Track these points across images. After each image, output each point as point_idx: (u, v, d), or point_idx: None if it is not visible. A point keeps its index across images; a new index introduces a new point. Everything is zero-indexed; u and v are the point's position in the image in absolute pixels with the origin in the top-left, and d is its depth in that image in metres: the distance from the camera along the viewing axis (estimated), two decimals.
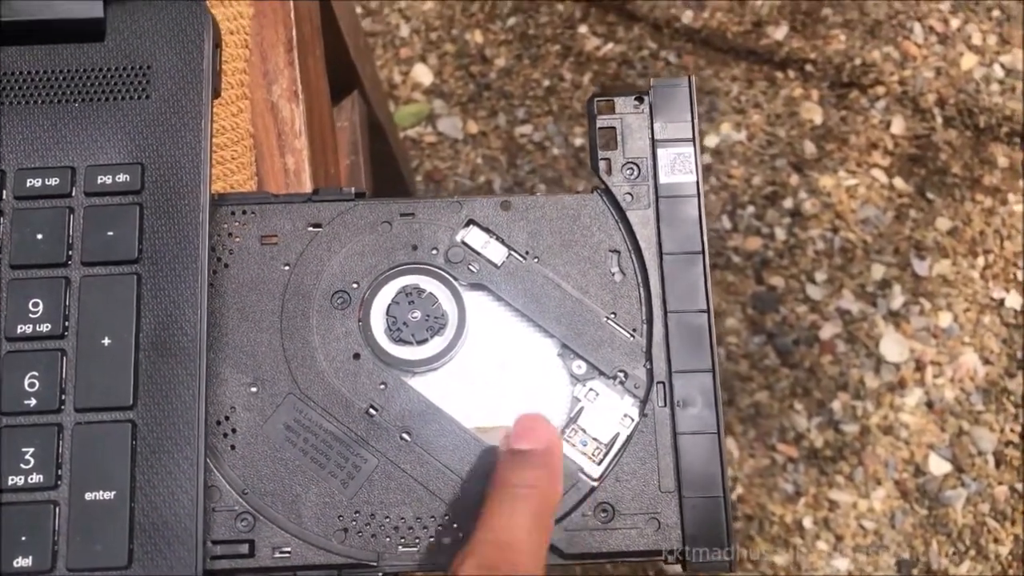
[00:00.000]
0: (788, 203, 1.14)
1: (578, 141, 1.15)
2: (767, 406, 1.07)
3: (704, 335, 0.36)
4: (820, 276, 1.12)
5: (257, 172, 0.44)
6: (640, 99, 0.39)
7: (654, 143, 0.38)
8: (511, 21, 1.20)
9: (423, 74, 1.17)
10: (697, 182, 0.38)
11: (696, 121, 0.38)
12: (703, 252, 0.37)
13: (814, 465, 1.06)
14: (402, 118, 1.13)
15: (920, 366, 1.09)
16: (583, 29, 1.19)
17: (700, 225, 0.37)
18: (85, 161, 0.37)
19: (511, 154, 1.14)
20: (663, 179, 0.38)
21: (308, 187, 0.44)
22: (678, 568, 0.37)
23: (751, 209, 1.13)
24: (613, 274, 0.37)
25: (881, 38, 1.20)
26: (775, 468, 1.06)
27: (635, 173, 0.38)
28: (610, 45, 1.18)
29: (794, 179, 1.14)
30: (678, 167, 0.38)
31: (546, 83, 1.17)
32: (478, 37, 1.19)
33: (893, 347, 1.09)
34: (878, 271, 1.12)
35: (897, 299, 1.11)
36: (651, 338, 0.37)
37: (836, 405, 1.08)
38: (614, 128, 0.39)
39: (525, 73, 1.17)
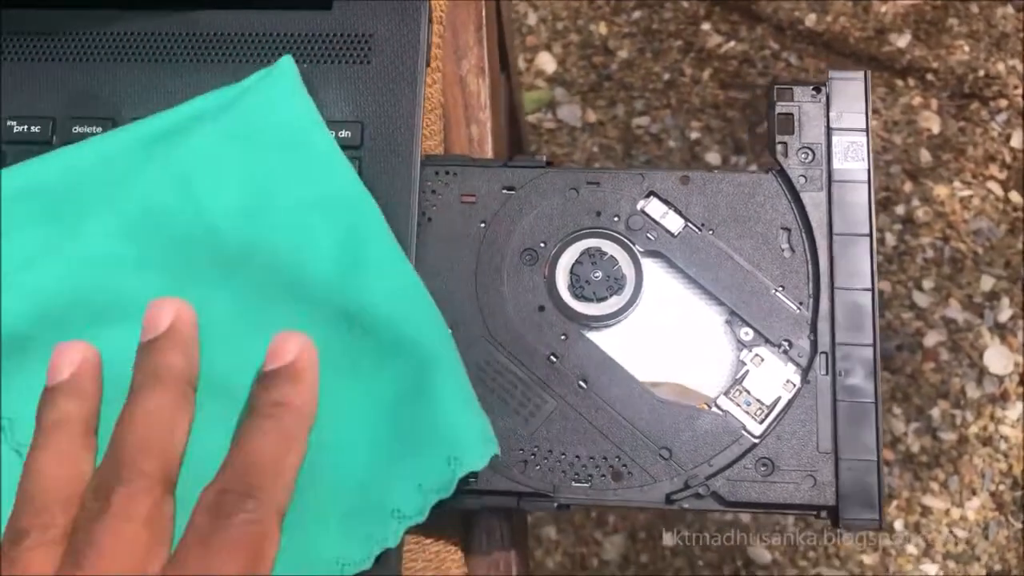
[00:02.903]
0: (900, 209, 1.14)
1: (694, 135, 1.18)
2: None
3: (867, 312, 0.39)
4: (928, 284, 1.12)
5: (445, 140, 0.47)
6: (818, 89, 0.41)
7: (829, 131, 0.41)
8: (636, 15, 1.23)
9: (547, 62, 1.21)
10: (868, 169, 0.40)
11: (869, 113, 0.41)
12: (871, 235, 0.40)
13: (909, 469, 1.07)
14: (526, 103, 1.17)
15: None
16: (706, 26, 1.22)
17: (869, 210, 0.40)
18: None
19: (627, 144, 1.17)
20: (837, 164, 0.40)
21: (490, 155, 0.48)
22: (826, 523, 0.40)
23: None
24: (783, 250, 0.40)
25: (1007, 51, 1.19)
26: None
27: (810, 157, 0.41)
28: (732, 43, 1.21)
29: (908, 186, 1.15)
30: (851, 154, 0.41)
31: (666, 77, 1.20)
32: (603, 29, 1.22)
33: (998, 359, 1.09)
34: (987, 283, 1.12)
35: (1005, 312, 1.11)
36: (817, 311, 0.39)
37: (935, 412, 1.08)
38: (791, 115, 0.41)
39: (646, 66, 1.20)
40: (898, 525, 1.05)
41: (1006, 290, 1.12)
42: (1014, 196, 1.15)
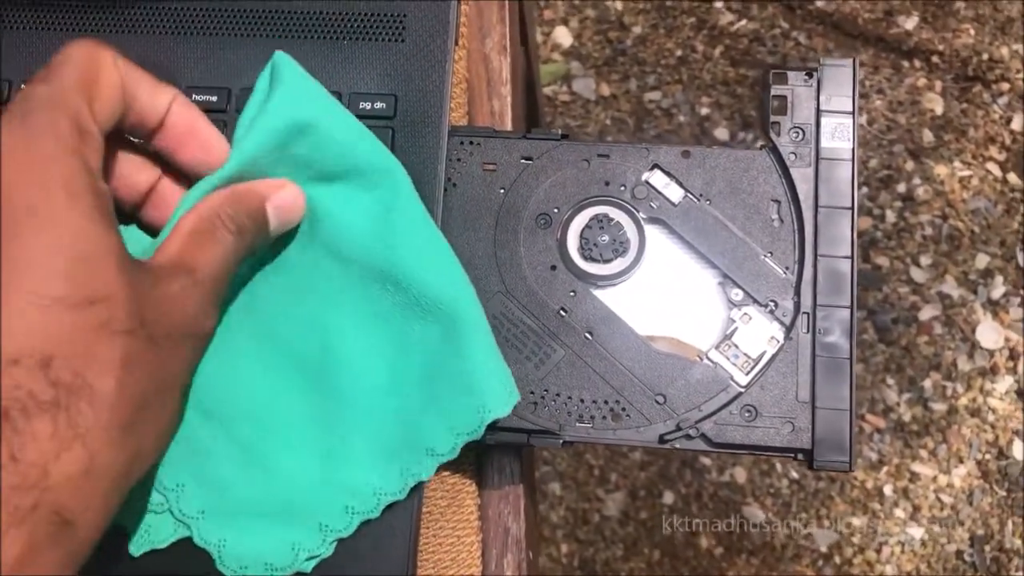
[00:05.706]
0: (901, 187, 1.18)
1: (704, 111, 1.21)
2: (860, 378, 1.13)
3: (847, 278, 0.43)
4: (925, 260, 1.16)
5: (468, 112, 0.52)
6: (809, 74, 0.46)
7: (819, 112, 0.45)
8: None
9: (563, 36, 1.25)
10: (853, 148, 0.45)
11: (856, 97, 0.45)
12: (852, 208, 0.44)
13: (900, 437, 1.12)
14: (542, 76, 1.21)
15: (1014, 355, 1.13)
16: (719, 4, 1.25)
17: (852, 185, 0.44)
18: (349, 88, 0.46)
19: (639, 118, 1.21)
20: (824, 143, 0.45)
21: (509, 127, 0.52)
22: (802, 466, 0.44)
23: (864, 190, 1.18)
24: (773, 220, 0.45)
25: (1011, 35, 1.22)
26: (862, 436, 1.12)
27: (800, 136, 0.45)
28: (743, 22, 1.24)
29: (909, 165, 1.19)
30: (838, 135, 0.45)
31: (678, 53, 1.23)
32: (618, 5, 1.26)
33: (989, 334, 1.14)
34: (982, 260, 1.16)
35: (998, 289, 1.15)
36: (801, 276, 0.44)
37: (927, 383, 1.13)
38: (785, 97, 0.46)
39: (659, 42, 1.24)
40: (887, 490, 1.10)
41: (1000, 268, 1.16)
42: (1012, 177, 1.19)
